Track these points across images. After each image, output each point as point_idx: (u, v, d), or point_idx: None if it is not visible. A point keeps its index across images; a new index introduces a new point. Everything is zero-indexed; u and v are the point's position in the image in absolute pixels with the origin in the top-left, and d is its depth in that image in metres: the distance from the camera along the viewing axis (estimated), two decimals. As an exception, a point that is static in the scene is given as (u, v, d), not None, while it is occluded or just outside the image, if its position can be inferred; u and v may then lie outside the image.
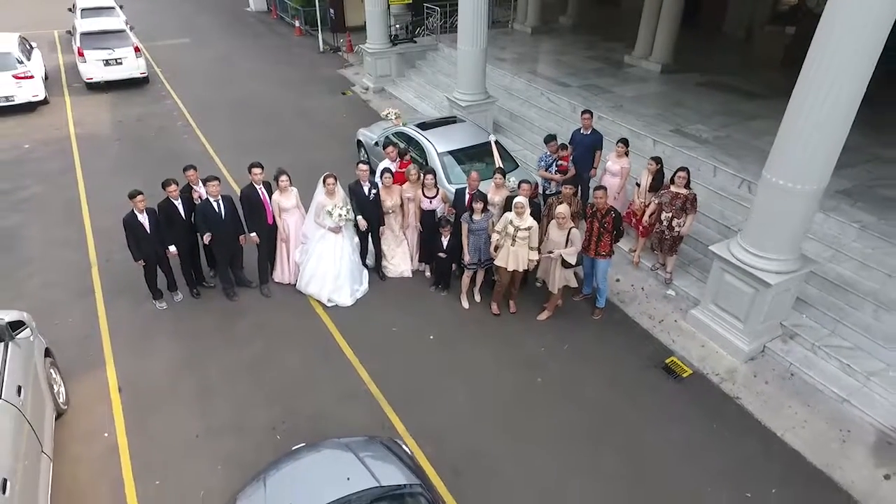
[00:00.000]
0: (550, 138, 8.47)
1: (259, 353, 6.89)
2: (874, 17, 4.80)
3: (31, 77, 13.49)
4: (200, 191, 7.09)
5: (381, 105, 14.53)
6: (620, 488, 5.34)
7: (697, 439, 5.82)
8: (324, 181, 7.20)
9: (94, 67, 14.82)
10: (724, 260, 6.49)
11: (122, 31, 15.35)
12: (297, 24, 22.25)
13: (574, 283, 7.09)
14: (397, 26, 17.30)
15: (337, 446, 4.72)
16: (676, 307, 7.48)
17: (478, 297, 7.66)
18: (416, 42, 16.25)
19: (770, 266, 6.07)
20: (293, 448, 4.80)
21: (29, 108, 13.80)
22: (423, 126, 9.49)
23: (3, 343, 5.05)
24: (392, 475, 4.34)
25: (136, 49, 15.36)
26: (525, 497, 5.24)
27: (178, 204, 6.99)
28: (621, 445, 5.74)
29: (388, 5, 15.56)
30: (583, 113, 8.59)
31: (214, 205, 6.98)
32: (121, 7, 20.19)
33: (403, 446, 4.95)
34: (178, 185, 6.99)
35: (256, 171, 7.18)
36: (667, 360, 6.75)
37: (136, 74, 15.46)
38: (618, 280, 8.00)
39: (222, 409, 6.13)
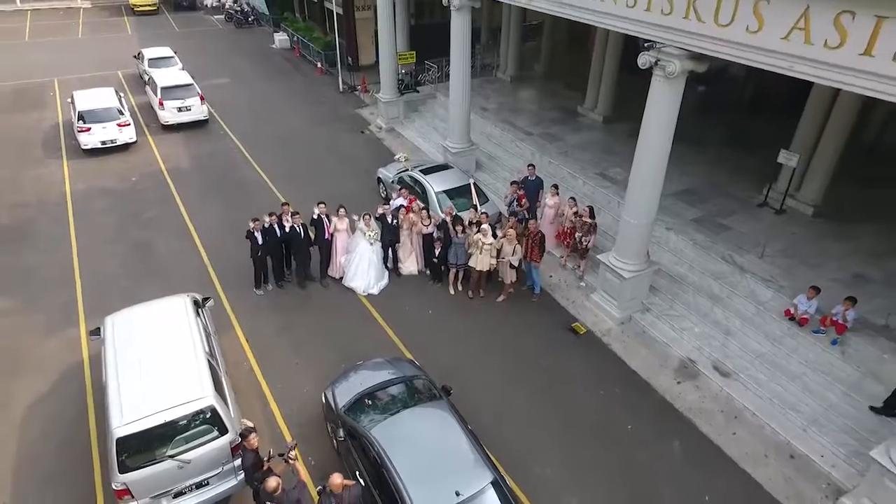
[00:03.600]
0: (513, 182, 12.87)
1: (324, 320, 11.26)
2: (659, 148, 9.21)
3: (129, 124, 17.88)
4: (289, 219, 11.42)
5: (392, 143, 19.01)
6: (531, 383, 9.72)
7: (581, 366, 10.21)
8: (361, 217, 11.61)
9: (170, 114, 19.22)
10: (604, 264, 10.89)
11: (191, 84, 19.73)
12: (318, 64, 26.63)
13: (514, 279, 11.44)
14: (403, 70, 21.67)
15: (381, 361, 9.09)
16: (584, 293, 11.87)
17: (460, 287, 12.02)
18: (418, 91, 20.66)
19: (626, 266, 10.47)
20: (358, 362, 9.17)
21: (125, 147, 18.15)
22: (424, 171, 13.88)
23: (201, 309, 9.40)
24: (410, 371, 8.73)
25: (202, 98, 19.76)
26: (478, 384, 9.59)
27: (276, 227, 11.33)
28: (536, 366, 10.13)
29: (398, 63, 19.97)
30: (528, 165, 13.07)
31: (297, 228, 11.36)
32: (175, 52, 24.51)
33: (415, 362, 9.34)
34: (277, 215, 11.34)
35: (321, 206, 11.58)
36: (572, 324, 11.13)
37: (200, 117, 19.84)
38: (550, 276, 12.38)
39: (308, 349, 10.51)
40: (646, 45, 8.88)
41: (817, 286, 9.38)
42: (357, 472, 7.39)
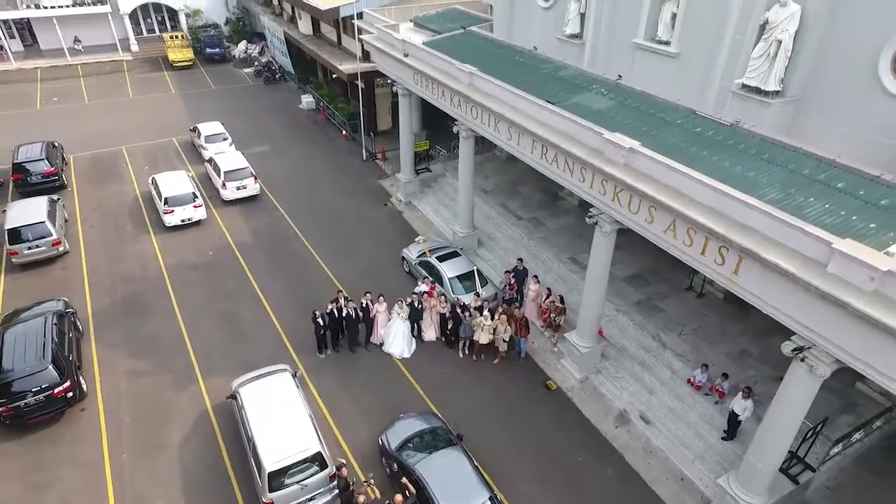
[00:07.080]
0: (506, 272, 17.53)
1: (370, 377, 15.86)
2: (600, 273, 13.83)
3: (201, 205, 22.47)
4: (345, 304, 16.02)
5: (411, 216, 23.61)
6: (516, 427, 14.32)
7: (551, 414, 14.80)
8: (396, 302, 16.25)
9: (230, 192, 23.83)
10: (568, 341, 15.49)
11: (247, 167, 24.34)
12: (343, 131, 31.19)
13: (506, 347, 16.07)
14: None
15: (415, 414, 13.71)
16: (557, 357, 16.47)
17: (466, 352, 16.62)
18: (430, 171, 25.29)
19: (583, 344, 15.10)
20: (400, 415, 13.76)
21: (198, 223, 22.71)
22: (440, 258, 18.47)
23: (295, 378, 13.94)
24: (436, 423, 13.35)
25: (255, 177, 24.36)
26: (478, 426, 14.14)
27: (335, 311, 15.93)
28: (519, 413, 14.72)
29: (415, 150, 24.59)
30: (518, 259, 17.70)
31: (351, 311, 15.98)
32: (223, 126, 29.00)
33: (438, 414, 13.96)
34: (337, 302, 15.95)
35: (368, 295, 16.21)
36: (546, 382, 15.74)
37: (254, 193, 24.45)
38: (532, 343, 16.98)
39: (362, 400, 15.10)
40: (590, 209, 13.49)
41: (706, 364, 14.01)
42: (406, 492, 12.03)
